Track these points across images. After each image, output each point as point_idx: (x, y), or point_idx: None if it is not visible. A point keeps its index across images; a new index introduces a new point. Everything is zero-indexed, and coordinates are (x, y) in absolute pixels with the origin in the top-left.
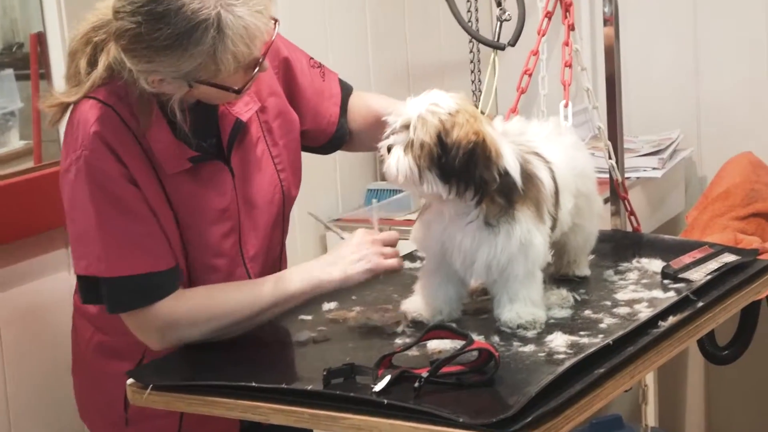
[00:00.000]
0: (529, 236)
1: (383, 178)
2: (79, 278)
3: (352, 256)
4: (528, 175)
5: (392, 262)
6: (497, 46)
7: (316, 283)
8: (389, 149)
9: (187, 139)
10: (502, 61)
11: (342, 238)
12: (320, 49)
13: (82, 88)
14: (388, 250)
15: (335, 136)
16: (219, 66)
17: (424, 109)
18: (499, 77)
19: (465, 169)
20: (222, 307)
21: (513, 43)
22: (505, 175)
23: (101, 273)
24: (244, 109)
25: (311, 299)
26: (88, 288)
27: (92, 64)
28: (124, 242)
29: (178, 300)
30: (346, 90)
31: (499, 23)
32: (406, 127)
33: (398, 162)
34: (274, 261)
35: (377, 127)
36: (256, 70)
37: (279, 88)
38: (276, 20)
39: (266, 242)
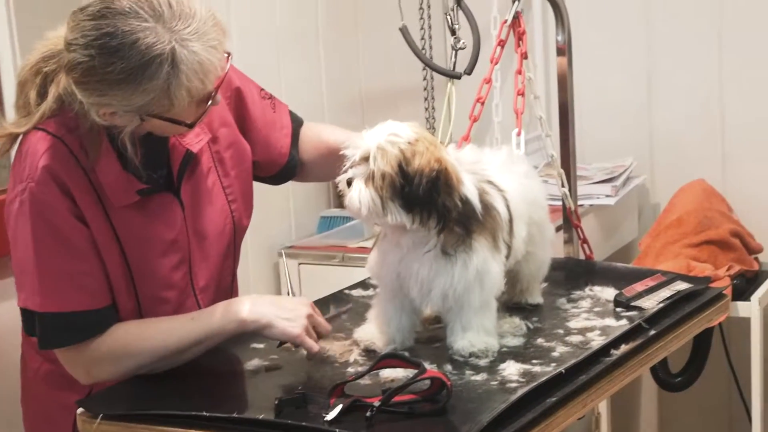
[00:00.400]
0: (485, 265)
1: (337, 206)
2: (21, 310)
3: (288, 314)
4: (484, 205)
5: (312, 343)
6: (454, 75)
7: (239, 323)
8: (349, 183)
9: (137, 172)
10: (455, 89)
11: (291, 294)
12: (273, 77)
13: (31, 119)
14: (314, 334)
15: (286, 167)
16: (172, 101)
17: (383, 140)
18: (449, 104)
19: (428, 197)
20: (144, 345)
21: (469, 71)
22: (465, 203)
23: (36, 307)
24: (194, 140)
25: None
26: (28, 320)
27: (42, 95)
28: (60, 278)
29: (103, 338)
30: (296, 122)
31: (454, 52)
32: (366, 159)
33: (360, 194)
34: (225, 291)
35: (329, 158)
36: (208, 104)
37: (231, 119)
38: (229, 54)
39: (217, 273)
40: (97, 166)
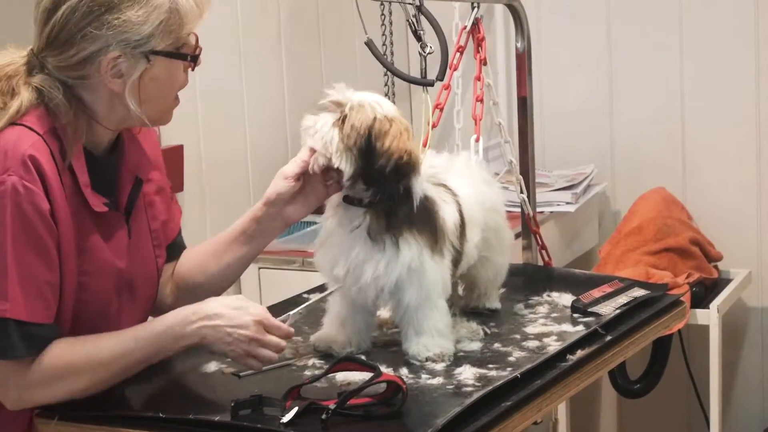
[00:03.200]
0: (419, 263)
1: None
2: None
3: (228, 338)
4: (429, 206)
5: (253, 363)
6: (426, 83)
7: (181, 346)
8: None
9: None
10: (415, 94)
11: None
12: (236, 81)
13: (3, 114)
14: (261, 353)
15: (175, 242)
16: (182, 15)
17: (365, 100)
18: (411, 111)
19: (382, 176)
20: (86, 365)
21: (441, 77)
22: (405, 194)
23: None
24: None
25: None
26: None
27: (7, 92)
28: (30, 284)
29: (44, 356)
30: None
31: (423, 58)
32: (340, 104)
33: (324, 127)
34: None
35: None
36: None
37: (162, 164)
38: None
39: (143, 312)
40: (74, 164)
